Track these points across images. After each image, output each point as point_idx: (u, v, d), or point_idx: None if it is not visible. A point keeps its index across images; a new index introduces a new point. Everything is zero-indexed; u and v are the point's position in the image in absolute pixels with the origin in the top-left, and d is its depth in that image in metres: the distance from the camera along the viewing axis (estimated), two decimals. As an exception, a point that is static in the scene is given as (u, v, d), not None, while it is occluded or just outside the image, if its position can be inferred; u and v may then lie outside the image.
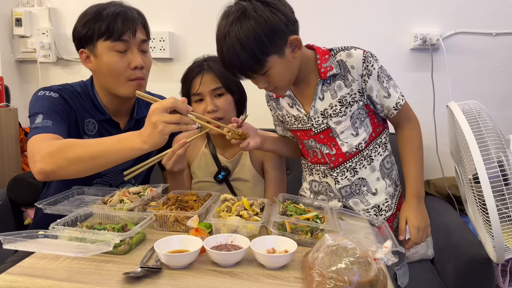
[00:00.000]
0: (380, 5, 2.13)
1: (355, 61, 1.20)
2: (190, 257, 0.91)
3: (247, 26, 1.06)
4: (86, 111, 1.38)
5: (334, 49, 1.25)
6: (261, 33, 1.06)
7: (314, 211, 1.13)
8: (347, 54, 1.21)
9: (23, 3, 2.50)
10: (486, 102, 2.06)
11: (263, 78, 1.14)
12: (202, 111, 1.40)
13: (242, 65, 1.09)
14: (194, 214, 1.08)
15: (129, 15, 1.31)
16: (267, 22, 1.06)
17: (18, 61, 2.54)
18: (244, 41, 1.05)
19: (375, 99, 1.25)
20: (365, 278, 0.78)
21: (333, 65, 1.22)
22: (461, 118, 1.28)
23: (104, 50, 1.30)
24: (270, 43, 1.08)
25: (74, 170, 1.13)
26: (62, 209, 1.16)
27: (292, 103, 1.30)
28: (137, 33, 1.32)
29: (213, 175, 1.50)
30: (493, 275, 1.44)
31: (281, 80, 1.16)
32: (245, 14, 1.07)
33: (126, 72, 1.32)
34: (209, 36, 2.33)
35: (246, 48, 1.06)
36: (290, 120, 1.33)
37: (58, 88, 1.36)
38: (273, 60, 1.10)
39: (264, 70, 1.11)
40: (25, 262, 0.92)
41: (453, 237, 1.61)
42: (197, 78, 1.40)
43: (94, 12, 1.30)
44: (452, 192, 1.97)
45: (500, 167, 1.22)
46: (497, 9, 2.03)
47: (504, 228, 1.21)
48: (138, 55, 1.33)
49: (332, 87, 1.23)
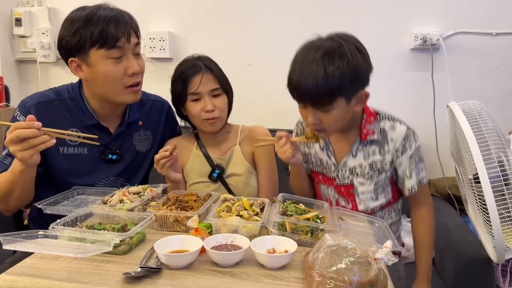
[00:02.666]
0: (380, 5, 2.12)
1: (396, 135, 1.25)
2: (190, 257, 0.91)
3: (338, 63, 1.10)
4: (69, 121, 1.35)
5: (381, 114, 1.30)
6: (347, 74, 1.10)
7: (314, 211, 1.13)
8: (391, 126, 1.26)
9: (23, 3, 2.50)
10: (486, 102, 2.06)
11: (320, 114, 1.16)
12: (199, 110, 1.41)
13: (315, 93, 1.11)
14: (194, 214, 1.08)
15: (121, 19, 1.27)
16: (356, 67, 1.12)
17: (18, 61, 2.54)
18: (329, 75, 1.09)
19: (400, 174, 1.29)
20: (365, 278, 0.78)
21: (376, 130, 1.27)
22: (462, 118, 1.28)
23: (98, 59, 1.25)
24: (349, 86, 1.12)
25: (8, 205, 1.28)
26: (62, 209, 1.16)
27: (324, 147, 1.34)
28: (131, 38, 1.29)
29: (207, 174, 1.51)
30: (493, 275, 1.44)
31: (334, 124, 1.18)
32: (339, 51, 1.12)
33: (123, 79, 1.29)
34: (209, 36, 2.36)
35: (328, 81, 1.09)
36: (316, 162, 1.37)
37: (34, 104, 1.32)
38: (340, 102, 1.14)
39: (329, 108, 1.14)
40: (25, 262, 0.92)
41: (453, 237, 1.61)
42: (196, 77, 1.41)
43: (84, 19, 1.24)
44: (452, 192, 1.97)
45: (501, 167, 1.22)
46: (497, 9, 2.03)
47: (504, 228, 1.21)
48: (134, 60, 1.30)
49: (367, 149, 1.28)
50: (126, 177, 1.46)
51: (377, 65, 2.13)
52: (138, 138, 1.49)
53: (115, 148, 1.43)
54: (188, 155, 1.54)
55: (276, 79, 2.25)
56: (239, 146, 1.53)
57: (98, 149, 1.39)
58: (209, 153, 1.52)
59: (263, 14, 2.24)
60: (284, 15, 2.22)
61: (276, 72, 2.25)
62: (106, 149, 1.41)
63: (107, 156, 1.40)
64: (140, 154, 1.50)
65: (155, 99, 1.59)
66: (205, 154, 1.52)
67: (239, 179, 1.51)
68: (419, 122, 2.14)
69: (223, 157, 1.52)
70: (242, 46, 2.27)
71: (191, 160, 1.53)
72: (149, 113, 1.53)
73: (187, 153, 1.54)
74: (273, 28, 2.24)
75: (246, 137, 1.55)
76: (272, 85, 2.25)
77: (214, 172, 1.50)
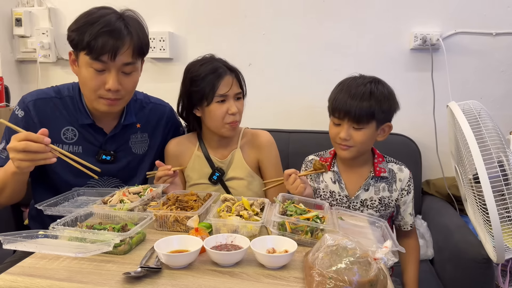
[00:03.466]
0: (380, 5, 2.12)
1: (403, 177, 1.44)
2: (190, 257, 0.91)
3: (381, 89, 1.34)
4: (65, 119, 1.37)
5: (387, 157, 1.48)
6: (386, 100, 1.34)
7: (314, 211, 1.13)
8: (399, 168, 1.45)
9: (23, 3, 2.50)
10: (486, 102, 2.06)
11: (352, 132, 1.34)
12: (224, 112, 1.41)
13: (358, 110, 1.30)
14: (194, 214, 1.08)
15: (114, 35, 1.23)
16: (393, 97, 1.37)
17: (18, 61, 2.54)
18: (374, 96, 1.31)
19: (401, 211, 1.47)
20: (365, 278, 0.78)
21: (386, 169, 1.44)
22: (461, 118, 1.28)
23: (83, 63, 1.26)
24: (384, 112, 1.34)
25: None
26: (62, 210, 1.16)
27: (337, 180, 1.46)
28: (118, 57, 1.24)
29: (207, 176, 1.51)
30: (493, 275, 1.44)
31: (361, 143, 1.35)
32: (382, 81, 1.38)
33: (99, 90, 1.28)
34: (209, 36, 2.36)
35: (371, 102, 1.30)
36: (326, 194, 1.48)
37: (32, 100, 1.36)
38: (372, 125, 1.33)
39: (363, 126, 1.32)
40: (25, 262, 0.92)
41: (453, 237, 1.61)
42: (226, 79, 1.41)
43: (84, 22, 1.24)
44: (452, 192, 1.97)
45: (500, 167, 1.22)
46: (497, 9, 2.03)
47: (504, 228, 1.21)
48: (116, 77, 1.26)
49: (378, 185, 1.43)
50: (122, 179, 1.46)
51: (377, 65, 2.17)
52: (135, 140, 1.49)
53: (110, 149, 1.43)
54: (189, 155, 1.53)
55: (276, 79, 2.26)
56: (240, 150, 1.52)
57: (93, 149, 1.40)
58: (210, 155, 1.51)
59: (263, 14, 2.24)
60: (284, 15, 2.22)
61: (276, 72, 2.27)
62: (100, 150, 1.41)
63: (101, 157, 1.41)
64: (136, 156, 1.49)
65: (156, 102, 1.58)
66: (206, 156, 1.51)
67: (240, 183, 1.51)
68: (419, 122, 2.15)
69: (223, 160, 1.51)
70: (242, 46, 2.27)
71: (192, 161, 1.52)
72: (148, 116, 1.52)
73: (189, 154, 1.53)
74: (273, 28, 2.24)
75: (248, 141, 1.55)
76: (272, 85, 2.26)
77: (214, 174, 1.50)
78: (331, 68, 2.19)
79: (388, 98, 1.34)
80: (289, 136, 2.08)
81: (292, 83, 2.25)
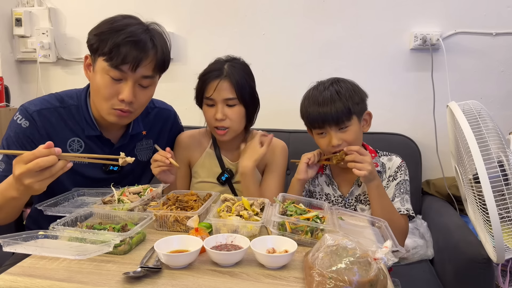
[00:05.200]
0: (380, 5, 2.13)
1: (392, 164, 1.45)
2: (190, 257, 0.91)
3: (345, 86, 1.36)
4: (71, 130, 1.32)
5: (379, 152, 1.49)
6: (354, 93, 1.35)
7: (314, 211, 1.13)
8: (389, 159, 1.47)
9: (23, 3, 2.50)
10: (486, 102, 2.06)
11: (341, 135, 1.34)
12: (212, 116, 1.38)
13: (335, 113, 1.31)
14: (194, 214, 1.08)
15: (139, 45, 1.20)
16: (358, 88, 1.39)
17: (18, 61, 2.54)
18: (342, 94, 1.33)
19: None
20: (365, 278, 0.78)
21: (379, 164, 1.46)
22: (461, 118, 1.28)
23: (100, 69, 1.22)
24: (358, 104, 1.35)
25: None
26: (62, 211, 1.16)
27: (328, 182, 1.49)
28: (140, 68, 1.21)
29: (216, 176, 1.49)
30: (493, 275, 1.44)
31: (354, 141, 1.35)
32: (341, 79, 1.40)
33: (112, 99, 1.24)
34: (209, 36, 2.36)
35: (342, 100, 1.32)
36: (321, 197, 1.50)
37: (36, 110, 1.28)
38: (354, 120, 1.35)
39: (347, 124, 1.34)
40: (25, 262, 0.92)
41: (453, 237, 1.61)
42: (213, 83, 1.37)
43: (108, 28, 1.21)
44: (452, 192, 1.97)
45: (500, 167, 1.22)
46: (497, 9, 2.03)
47: (504, 228, 1.21)
48: (131, 89, 1.23)
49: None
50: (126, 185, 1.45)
51: (377, 65, 2.17)
52: (140, 147, 1.48)
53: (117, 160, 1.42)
54: (200, 151, 1.52)
55: (276, 79, 2.26)
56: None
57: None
58: (222, 156, 1.50)
59: (263, 14, 2.24)
60: (283, 16, 2.22)
61: (275, 72, 2.27)
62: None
63: (108, 168, 1.38)
64: (140, 163, 1.48)
65: (161, 106, 1.56)
66: (218, 156, 1.49)
67: None
68: (419, 122, 2.15)
69: (235, 163, 1.50)
70: (242, 46, 2.27)
71: (203, 158, 1.51)
72: (153, 122, 1.50)
73: (200, 150, 1.52)
74: (273, 28, 2.24)
75: None
76: (272, 85, 2.26)
77: (223, 175, 1.48)
78: (331, 68, 2.19)
79: (355, 91, 1.36)
80: (289, 136, 2.08)
81: (291, 83, 2.25)
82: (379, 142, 1.51)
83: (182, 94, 1.79)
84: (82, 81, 1.47)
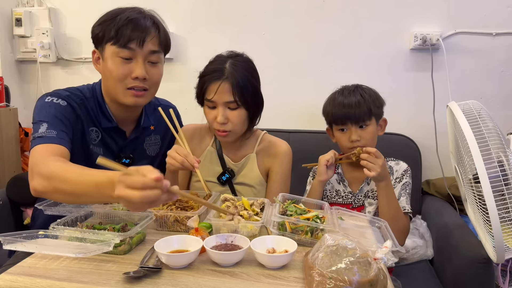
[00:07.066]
0: (380, 5, 2.12)
1: (399, 168, 1.57)
2: (190, 257, 0.91)
3: (368, 92, 1.51)
4: (91, 119, 1.35)
5: (386, 158, 1.56)
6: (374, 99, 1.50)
7: (314, 211, 1.13)
8: (396, 163, 1.59)
9: (23, 3, 2.50)
10: (486, 102, 2.06)
11: (360, 132, 1.47)
12: (213, 118, 1.35)
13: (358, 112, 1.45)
14: (194, 214, 1.08)
15: (141, 23, 1.27)
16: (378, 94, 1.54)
17: (18, 61, 2.54)
18: (365, 98, 1.48)
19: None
20: (365, 278, 0.78)
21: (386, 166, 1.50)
22: (461, 118, 1.28)
23: (109, 54, 1.27)
24: (377, 108, 1.50)
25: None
26: (62, 210, 1.16)
27: (339, 180, 1.60)
28: (146, 43, 1.27)
29: (216, 175, 1.47)
30: (493, 275, 1.44)
31: (371, 140, 1.49)
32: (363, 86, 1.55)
33: (126, 79, 1.28)
34: (209, 36, 2.36)
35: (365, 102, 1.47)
36: (331, 194, 1.60)
37: (67, 95, 1.31)
38: (373, 121, 1.49)
39: (367, 123, 1.47)
40: (25, 262, 0.92)
41: (453, 237, 1.61)
42: (214, 85, 1.33)
43: (111, 15, 1.28)
44: (452, 192, 1.97)
45: (500, 167, 1.22)
46: (497, 9, 2.03)
47: (504, 228, 1.21)
48: (143, 65, 1.28)
49: None
50: None
51: (377, 65, 2.16)
52: (149, 142, 1.50)
53: (129, 152, 1.42)
54: (202, 148, 1.50)
55: (276, 79, 2.26)
56: (256, 155, 1.49)
57: (112, 152, 1.39)
58: (224, 155, 1.48)
59: (263, 14, 2.24)
60: (284, 15, 2.22)
61: (276, 72, 2.27)
62: (121, 153, 1.41)
63: (121, 160, 1.39)
64: (149, 158, 1.49)
65: (165, 104, 1.58)
66: (219, 155, 1.48)
67: (249, 190, 1.48)
68: (419, 122, 2.15)
69: (236, 163, 1.48)
70: (242, 46, 2.26)
71: (204, 156, 1.49)
72: (160, 118, 1.49)
73: (202, 146, 1.51)
74: (273, 28, 2.24)
75: (265, 148, 1.50)
76: (272, 85, 2.25)
77: (224, 175, 1.46)
78: (331, 68, 2.19)
79: (376, 95, 1.52)
80: (289, 136, 2.08)
81: (292, 83, 2.25)
82: (379, 142, 1.50)
83: (182, 94, 1.79)
84: (82, 81, 1.48)
